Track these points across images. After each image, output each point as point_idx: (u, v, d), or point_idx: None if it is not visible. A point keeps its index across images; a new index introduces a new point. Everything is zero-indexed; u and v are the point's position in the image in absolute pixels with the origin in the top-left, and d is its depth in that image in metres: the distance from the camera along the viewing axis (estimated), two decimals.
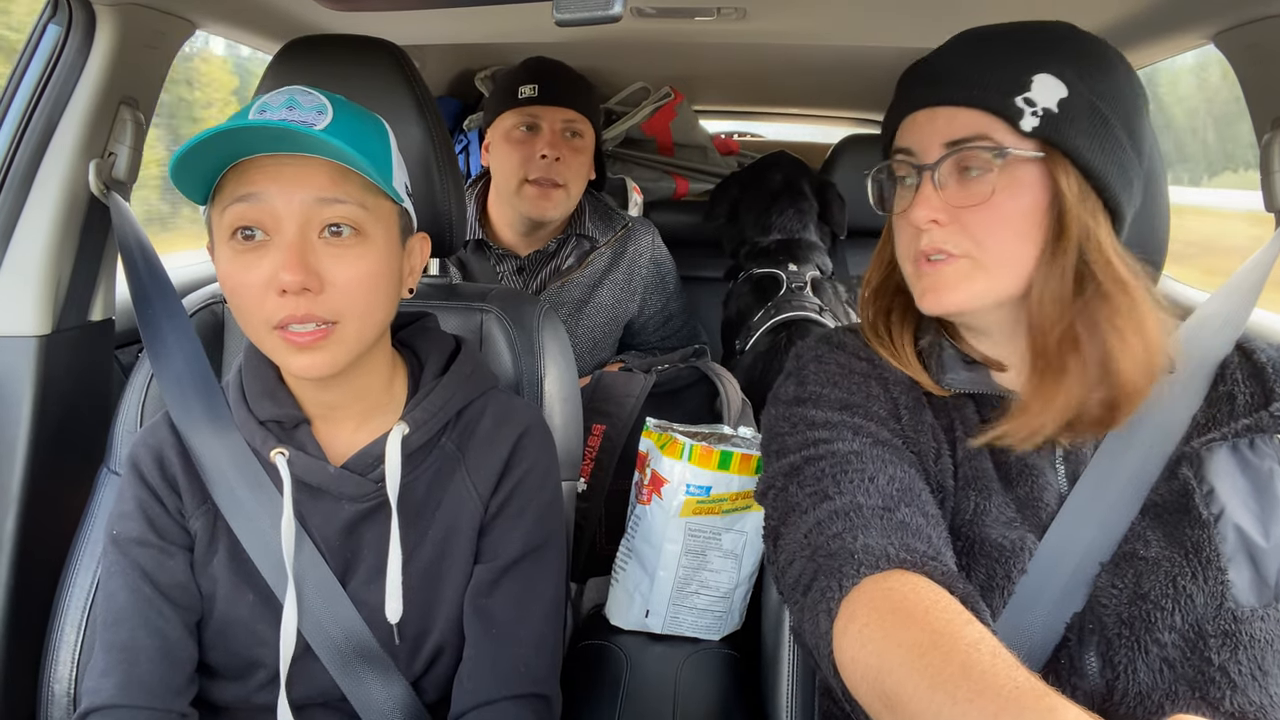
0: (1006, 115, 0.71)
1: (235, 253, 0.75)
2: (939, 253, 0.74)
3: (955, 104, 0.73)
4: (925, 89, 0.76)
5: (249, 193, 0.74)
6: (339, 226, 0.76)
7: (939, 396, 0.79)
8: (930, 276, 0.75)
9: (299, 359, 0.77)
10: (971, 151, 0.72)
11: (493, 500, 0.88)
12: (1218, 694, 0.65)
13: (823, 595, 0.65)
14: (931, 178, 0.74)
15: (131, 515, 0.85)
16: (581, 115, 1.56)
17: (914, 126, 0.77)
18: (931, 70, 0.77)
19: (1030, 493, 0.74)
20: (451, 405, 0.89)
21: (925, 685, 0.52)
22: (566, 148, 1.53)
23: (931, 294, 0.76)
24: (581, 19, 0.70)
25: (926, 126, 0.75)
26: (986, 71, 0.72)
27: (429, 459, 0.88)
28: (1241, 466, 0.71)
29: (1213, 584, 0.67)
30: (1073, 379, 0.72)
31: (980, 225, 0.73)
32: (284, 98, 0.77)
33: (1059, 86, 0.71)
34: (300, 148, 0.74)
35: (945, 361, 0.79)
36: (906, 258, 0.79)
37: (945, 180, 0.73)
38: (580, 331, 1.62)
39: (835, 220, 1.93)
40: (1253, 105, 1.12)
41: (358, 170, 0.75)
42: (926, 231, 0.74)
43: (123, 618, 0.83)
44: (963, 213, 0.73)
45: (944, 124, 0.74)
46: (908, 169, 0.77)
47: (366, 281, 0.77)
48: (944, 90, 0.74)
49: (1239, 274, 0.84)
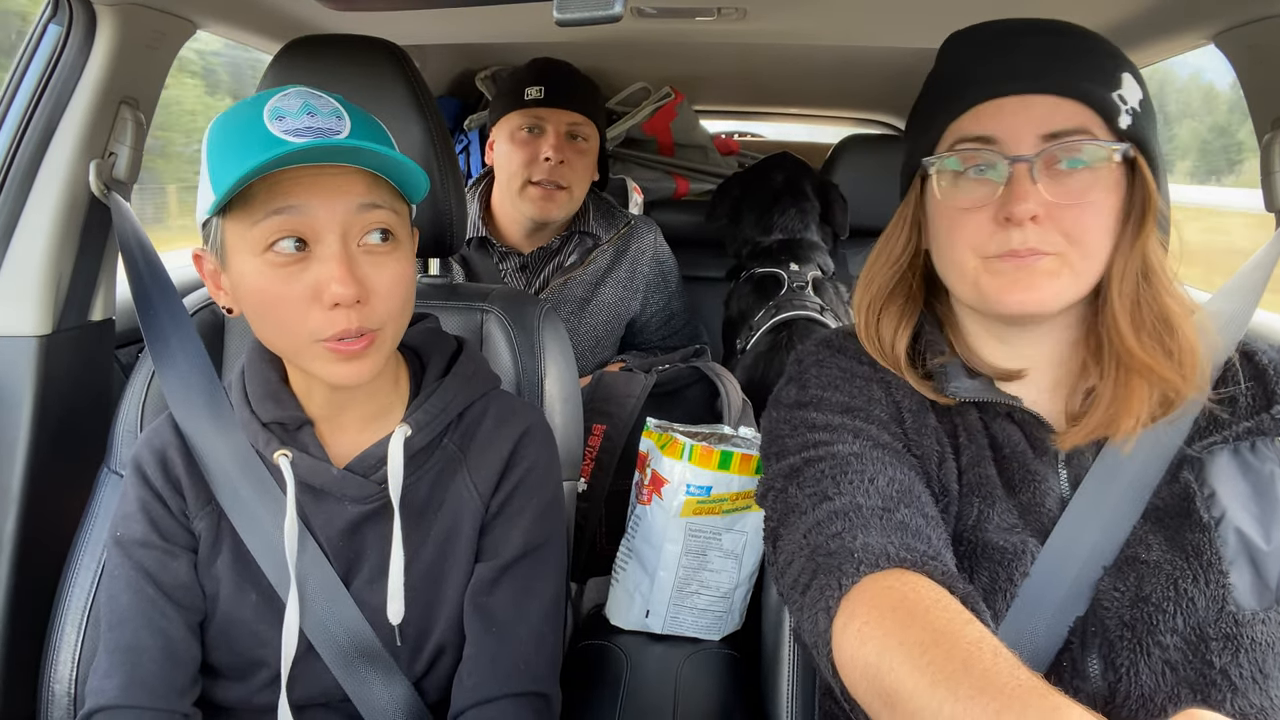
0: (1105, 110, 0.70)
1: (273, 265, 0.74)
2: (1035, 252, 0.70)
3: (1059, 94, 0.70)
4: (1020, 75, 0.71)
5: (289, 205, 0.72)
6: (379, 234, 0.76)
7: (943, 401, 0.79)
8: (1014, 274, 0.71)
9: (342, 368, 0.76)
10: (1077, 144, 0.69)
11: (494, 499, 0.89)
12: (1219, 696, 0.65)
13: (822, 594, 0.65)
14: (1029, 171, 0.70)
15: (134, 516, 0.85)
16: (586, 118, 1.56)
17: (1000, 113, 0.71)
18: (1019, 57, 0.72)
19: (1033, 498, 0.74)
20: (454, 406, 0.89)
21: (926, 682, 0.52)
22: (570, 150, 1.53)
23: (1016, 293, 0.71)
24: (582, 19, 0.70)
25: (1021, 114, 0.70)
26: (1087, 65, 0.71)
27: (431, 460, 0.88)
28: (1243, 470, 0.71)
29: (1214, 587, 0.67)
30: (1160, 370, 0.71)
31: (1076, 223, 0.70)
32: (298, 102, 0.75)
33: (1137, 87, 0.72)
34: (345, 159, 0.73)
35: (949, 370, 0.78)
36: (976, 253, 0.73)
37: (1039, 174, 0.70)
38: (582, 330, 1.62)
39: (837, 221, 1.94)
40: (1253, 105, 1.12)
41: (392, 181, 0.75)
42: (1019, 228, 0.70)
43: (126, 619, 0.83)
44: (1058, 209, 0.70)
45: (1043, 114, 0.70)
46: (995, 157, 0.71)
47: (403, 286, 0.78)
48: (1045, 77, 0.71)
49: (1240, 275, 0.83)
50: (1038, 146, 0.70)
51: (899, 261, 0.81)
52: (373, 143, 0.73)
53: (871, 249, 0.84)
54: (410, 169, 0.75)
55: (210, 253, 0.79)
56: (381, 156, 0.72)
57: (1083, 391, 0.77)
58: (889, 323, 0.81)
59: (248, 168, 0.68)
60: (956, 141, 0.73)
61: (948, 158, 0.74)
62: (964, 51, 0.76)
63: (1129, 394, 0.71)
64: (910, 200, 0.81)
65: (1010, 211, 0.69)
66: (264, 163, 0.68)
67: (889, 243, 0.83)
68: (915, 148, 0.79)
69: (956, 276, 0.76)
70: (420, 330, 0.94)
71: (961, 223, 0.73)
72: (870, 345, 0.82)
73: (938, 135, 0.76)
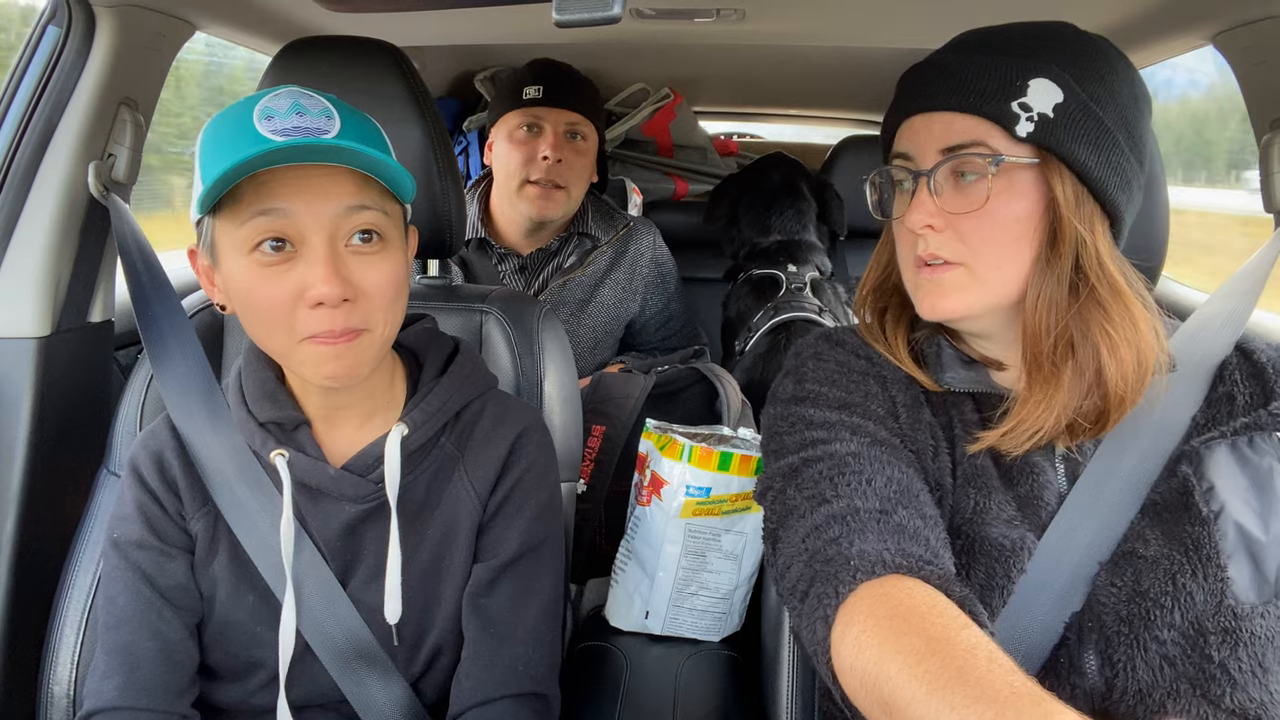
0: (1001, 121, 0.71)
1: (259, 265, 0.74)
2: (935, 258, 0.74)
3: (950, 109, 0.73)
4: (921, 94, 0.76)
5: (274, 206, 0.72)
6: (367, 233, 0.76)
7: (937, 394, 0.79)
8: (928, 284, 0.76)
9: (330, 366, 0.76)
10: (966, 158, 0.72)
11: (491, 499, 0.88)
12: (1218, 691, 0.65)
13: (820, 602, 0.65)
14: (928, 184, 0.74)
15: (131, 518, 0.85)
16: (585, 118, 1.56)
17: (911, 131, 0.76)
18: (927, 75, 0.76)
19: (1030, 492, 0.74)
20: (450, 406, 0.89)
21: (923, 691, 0.53)
22: (569, 149, 1.54)
23: (929, 301, 0.76)
24: (581, 20, 0.70)
25: (923, 132, 0.75)
26: (982, 76, 0.72)
27: (428, 459, 0.88)
28: (1241, 464, 0.71)
29: (1212, 581, 0.67)
30: (1067, 385, 0.72)
31: (975, 232, 0.73)
32: (288, 102, 0.75)
33: (1055, 90, 0.70)
34: (327, 158, 0.73)
35: (944, 361, 0.80)
36: (906, 263, 0.79)
37: (941, 186, 0.73)
38: (582, 331, 1.62)
39: (834, 220, 1.94)
40: (1252, 106, 1.12)
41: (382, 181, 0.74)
42: (922, 237, 0.74)
43: (123, 621, 0.83)
44: (958, 219, 0.73)
45: (940, 129, 0.74)
46: (905, 174, 0.77)
47: (393, 287, 0.78)
48: (939, 96, 0.74)
49: (1238, 274, 0.84)
50: (935, 160, 0.73)
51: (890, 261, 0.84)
52: (361, 143, 0.73)
53: (869, 249, 0.88)
54: (395, 169, 0.74)
55: (203, 250, 0.79)
56: (366, 156, 0.72)
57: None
58: (887, 317, 0.84)
59: (229, 165, 0.68)
60: (894, 157, 0.79)
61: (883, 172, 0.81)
62: (908, 71, 0.80)
63: (1039, 402, 0.72)
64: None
65: (908, 220, 0.74)
66: (243, 161, 0.68)
67: (884, 243, 0.86)
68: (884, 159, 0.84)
69: (907, 284, 0.80)
70: (417, 331, 0.94)
71: (898, 234, 0.80)
72: (870, 337, 0.84)
73: (888, 148, 0.82)
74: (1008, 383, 0.78)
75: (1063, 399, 0.72)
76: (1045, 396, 0.72)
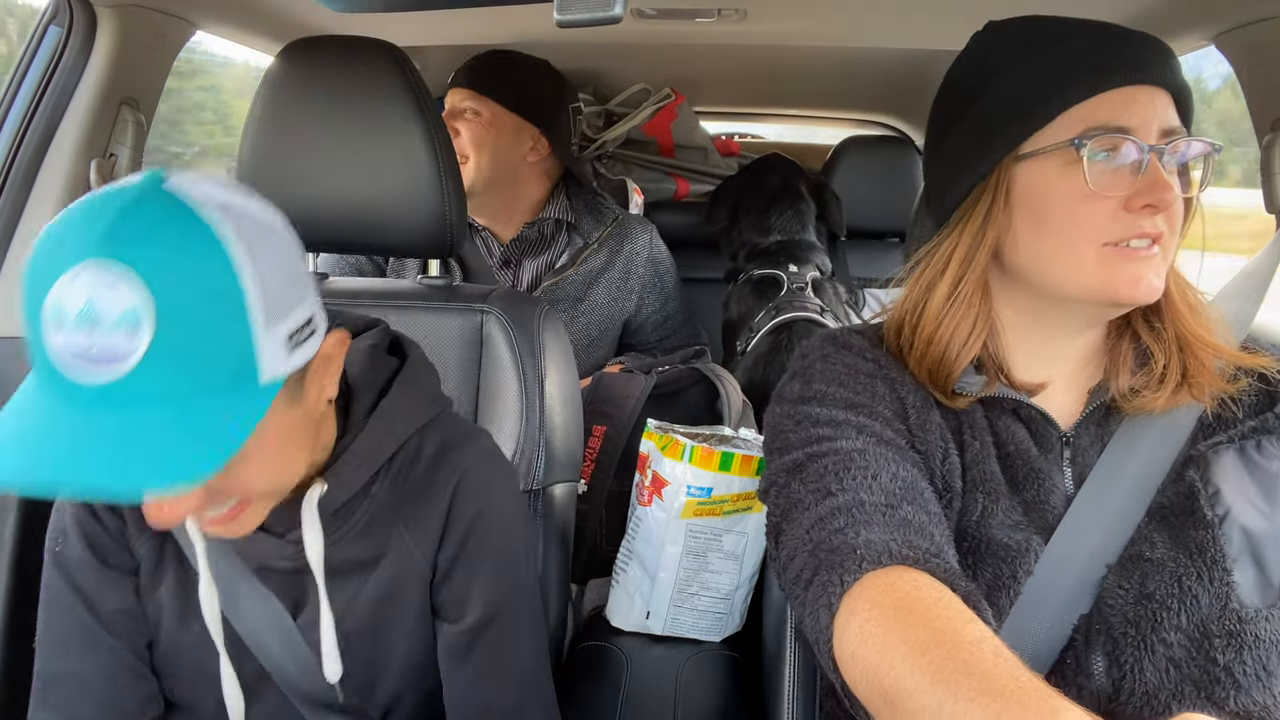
0: (1189, 114, 0.73)
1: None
2: (1158, 239, 0.71)
3: (1169, 90, 0.72)
4: (1146, 66, 0.71)
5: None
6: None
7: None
8: (1142, 263, 0.70)
9: (217, 532, 0.69)
10: (1190, 141, 0.72)
11: (440, 556, 0.80)
12: (1223, 694, 0.65)
13: (824, 590, 0.64)
14: (1160, 160, 0.70)
15: (71, 532, 0.80)
16: (475, 93, 1.58)
17: (1132, 103, 0.70)
18: (1134, 49, 0.72)
19: (1037, 495, 0.74)
20: (383, 449, 0.79)
21: (926, 683, 0.52)
22: (460, 123, 1.57)
23: (1144, 281, 0.70)
24: (582, 20, 0.70)
25: (1149, 106, 0.71)
26: (1177, 65, 0.73)
27: (358, 513, 0.79)
28: (1249, 468, 0.71)
29: (1218, 585, 0.67)
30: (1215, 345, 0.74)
31: (1177, 216, 0.72)
32: (81, 300, 0.54)
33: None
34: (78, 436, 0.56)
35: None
36: (1093, 242, 0.71)
37: (1168, 165, 0.72)
38: (575, 330, 1.61)
39: (834, 220, 1.94)
40: (1253, 106, 1.12)
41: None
42: (1151, 217, 0.70)
43: (66, 647, 0.78)
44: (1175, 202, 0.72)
45: (1162, 108, 0.71)
46: (1129, 145, 0.70)
47: (271, 468, 0.68)
48: (1154, 69, 0.71)
49: (1242, 276, 0.83)
50: (1157, 139, 0.71)
51: (974, 260, 0.76)
52: (179, 346, 0.55)
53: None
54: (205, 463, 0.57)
55: None
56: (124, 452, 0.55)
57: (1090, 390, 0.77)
58: (965, 325, 0.76)
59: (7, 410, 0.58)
60: (1088, 129, 0.70)
61: (1087, 144, 0.70)
62: (1061, 43, 0.73)
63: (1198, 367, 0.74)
64: (988, 192, 0.75)
65: (1157, 198, 0.69)
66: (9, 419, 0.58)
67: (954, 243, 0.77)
68: (1001, 138, 0.74)
69: (1069, 266, 0.72)
70: (358, 349, 0.81)
71: (1086, 209, 0.71)
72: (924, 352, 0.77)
73: (1039, 124, 0.72)
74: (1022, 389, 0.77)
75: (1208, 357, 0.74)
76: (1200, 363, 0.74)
